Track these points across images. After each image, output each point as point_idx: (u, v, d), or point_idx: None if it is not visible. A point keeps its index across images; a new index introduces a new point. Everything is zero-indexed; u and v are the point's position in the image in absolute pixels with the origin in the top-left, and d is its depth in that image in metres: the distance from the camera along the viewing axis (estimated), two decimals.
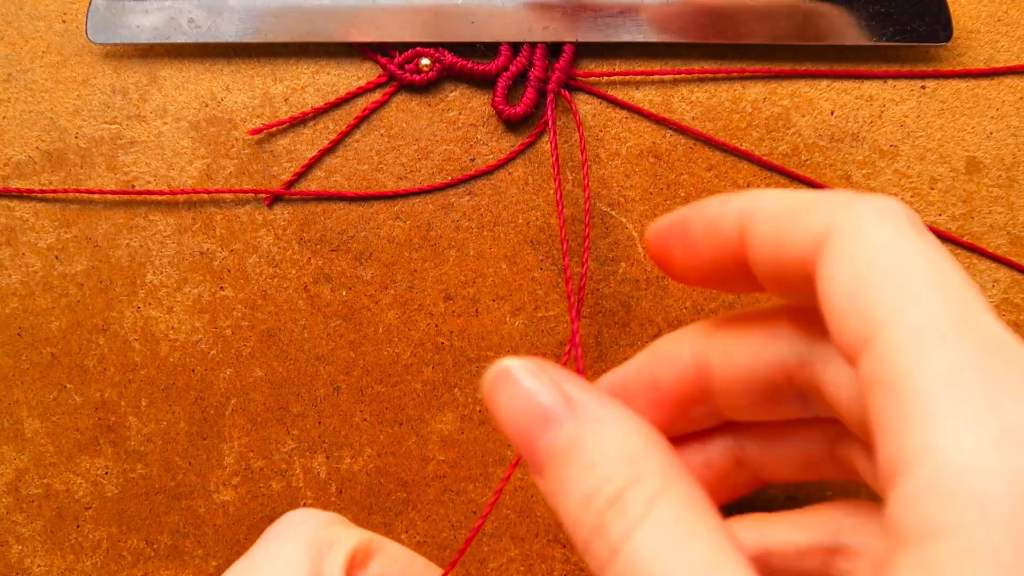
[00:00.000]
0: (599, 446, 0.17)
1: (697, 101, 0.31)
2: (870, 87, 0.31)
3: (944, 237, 0.30)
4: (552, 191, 0.31)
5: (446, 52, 0.31)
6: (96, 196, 0.31)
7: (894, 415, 0.14)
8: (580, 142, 0.30)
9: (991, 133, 0.31)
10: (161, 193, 0.31)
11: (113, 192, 0.31)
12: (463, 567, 0.30)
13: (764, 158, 0.31)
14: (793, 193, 0.19)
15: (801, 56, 0.31)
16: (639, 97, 0.31)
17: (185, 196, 0.31)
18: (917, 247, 0.16)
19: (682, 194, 0.31)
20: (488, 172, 0.31)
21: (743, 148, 0.31)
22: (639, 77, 0.31)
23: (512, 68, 0.31)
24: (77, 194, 0.31)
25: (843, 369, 0.18)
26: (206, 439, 0.30)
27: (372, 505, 0.30)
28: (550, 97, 0.31)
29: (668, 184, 0.31)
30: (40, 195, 0.31)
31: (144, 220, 0.31)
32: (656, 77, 0.31)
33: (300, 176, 0.31)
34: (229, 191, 0.31)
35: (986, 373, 0.14)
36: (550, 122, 0.31)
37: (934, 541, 0.13)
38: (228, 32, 0.31)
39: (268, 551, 0.22)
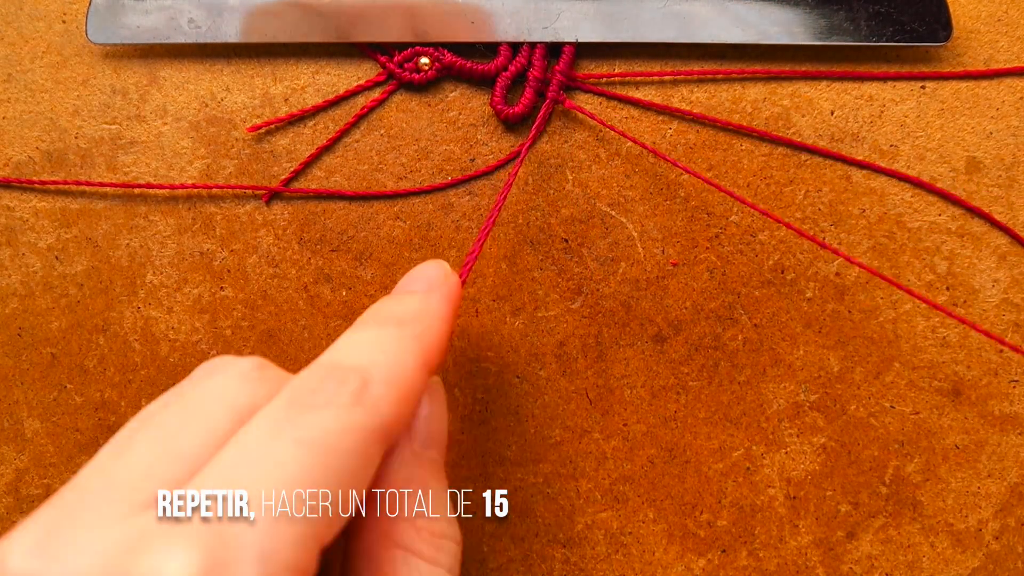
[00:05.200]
0: None
1: (697, 101, 0.31)
2: (870, 87, 0.31)
3: (956, 201, 0.30)
4: (552, 191, 0.31)
5: (445, 51, 0.31)
6: (97, 197, 0.31)
7: None
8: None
9: (991, 133, 0.31)
10: (159, 187, 0.31)
11: (112, 185, 0.31)
12: (463, 568, 0.30)
13: (762, 160, 0.31)
14: None
15: (801, 56, 0.31)
16: (639, 97, 0.31)
17: (185, 193, 0.31)
18: None
19: (682, 194, 0.31)
20: (488, 172, 0.31)
21: (743, 148, 0.31)
22: (639, 77, 0.31)
23: (511, 68, 0.31)
24: (78, 186, 0.31)
25: None
26: None
27: None
28: (546, 103, 0.31)
29: (668, 184, 0.31)
30: (41, 187, 0.31)
31: (144, 220, 0.31)
32: (656, 77, 0.31)
33: (299, 173, 0.31)
34: (227, 186, 0.31)
35: None
36: (529, 143, 0.31)
37: None
38: (228, 32, 0.31)
39: (199, 382, 0.20)
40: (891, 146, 0.31)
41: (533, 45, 0.31)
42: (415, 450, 0.22)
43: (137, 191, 0.31)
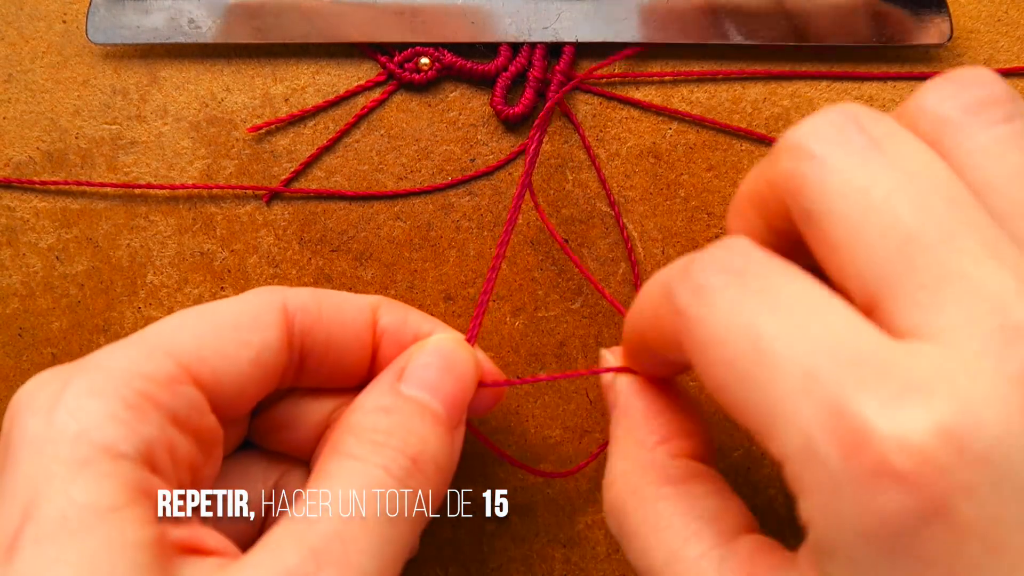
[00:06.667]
0: None
1: (697, 101, 0.31)
2: (870, 87, 0.31)
3: None
4: (552, 191, 0.31)
5: (445, 51, 0.31)
6: (97, 198, 0.31)
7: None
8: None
9: None
10: (160, 187, 0.31)
11: (113, 185, 0.31)
12: (463, 567, 0.30)
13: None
14: None
15: (801, 56, 0.31)
16: (639, 97, 0.31)
17: (185, 193, 0.31)
18: None
19: (682, 194, 0.31)
20: (488, 172, 0.31)
21: (743, 148, 0.31)
22: (639, 77, 0.31)
23: (511, 68, 0.31)
24: (78, 186, 0.31)
25: None
26: None
27: None
28: (544, 112, 0.31)
29: (668, 184, 0.31)
30: (41, 187, 0.31)
31: (144, 220, 0.31)
32: (656, 77, 0.31)
33: (299, 173, 0.31)
34: (228, 187, 0.31)
35: None
36: (533, 145, 0.31)
37: None
38: (228, 32, 0.31)
39: (241, 296, 0.23)
40: None
41: (533, 45, 0.31)
42: (396, 387, 0.22)
43: (137, 191, 0.31)
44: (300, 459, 0.25)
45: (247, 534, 0.24)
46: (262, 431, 0.25)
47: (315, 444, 0.24)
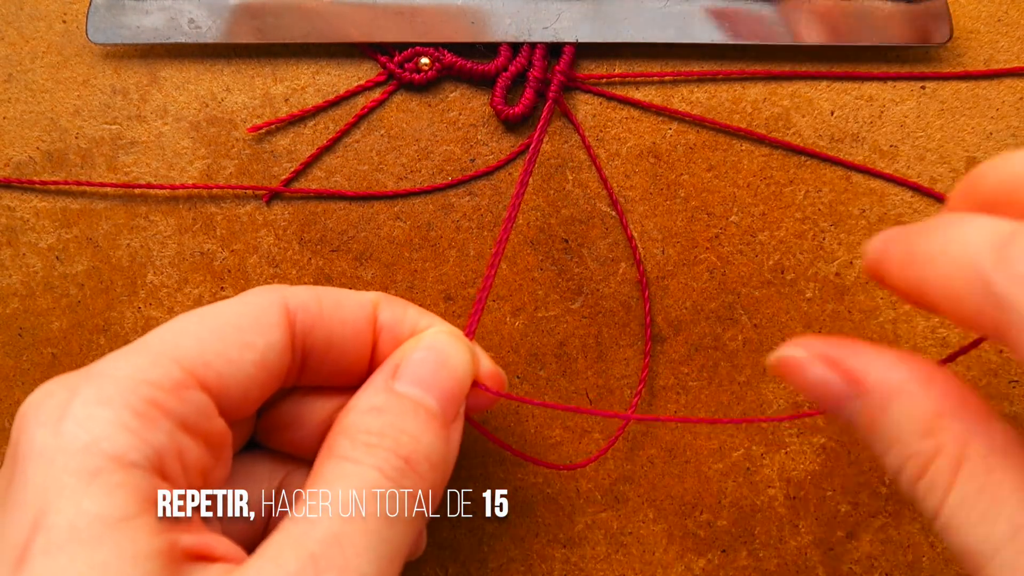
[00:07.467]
0: (892, 425, 0.19)
1: (697, 101, 0.31)
2: (870, 87, 0.31)
3: None
4: (552, 191, 0.31)
5: (446, 52, 0.31)
6: (97, 198, 0.31)
7: None
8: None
9: (991, 133, 0.31)
10: (160, 187, 0.31)
11: (113, 185, 0.31)
12: (463, 567, 0.30)
13: (762, 160, 0.31)
14: None
15: (801, 56, 0.31)
16: (639, 97, 0.31)
17: (185, 193, 0.31)
18: None
19: (682, 194, 0.31)
20: (488, 172, 0.31)
21: (743, 148, 0.31)
22: (639, 77, 0.31)
23: (511, 68, 0.31)
24: (78, 186, 0.31)
25: None
26: None
27: None
28: (548, 104, 0.31)
29: (668, 184, 0.31)
30: (41, 187, 0.31)
31: (145, 220, 0.31)
32: (656, 77, 0.31)
33: (299, 173, 0.31)
34: (228, 187, 0.31)
35: None
36: (534, 142, 0.31)
37: None
38: (228, 32, 0.31)
39: (241, 297, 0.23)
40: (891, 146, 0.31)
41: (533, 45, 0.31)
42: (390, 385, 0.22)
43: (138, 191, 0.31)
44: (305, 458, 0.25)
45: (253, 533, 0.24)
46: (266, 431, 0.25)
47: (319, 443, 0.24)
